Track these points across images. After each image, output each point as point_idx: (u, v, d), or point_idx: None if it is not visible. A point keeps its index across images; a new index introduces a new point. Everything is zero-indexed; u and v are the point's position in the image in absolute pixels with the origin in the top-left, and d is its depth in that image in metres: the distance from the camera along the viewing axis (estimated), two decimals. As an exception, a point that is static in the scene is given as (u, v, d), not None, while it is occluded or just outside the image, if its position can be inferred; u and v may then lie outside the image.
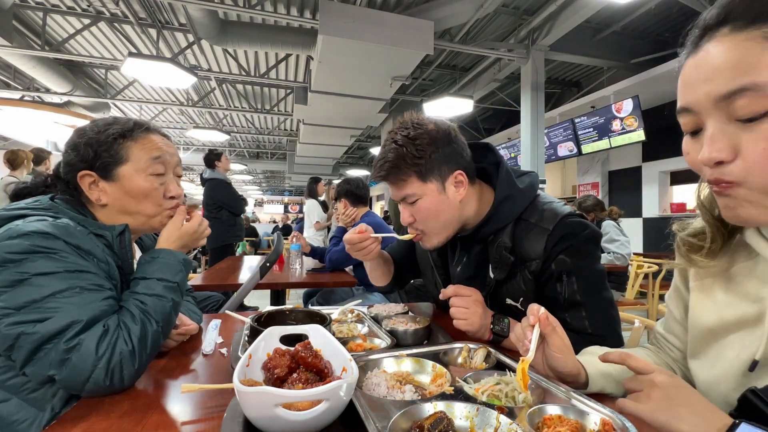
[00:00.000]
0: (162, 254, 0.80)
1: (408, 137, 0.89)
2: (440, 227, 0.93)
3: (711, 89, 0.45)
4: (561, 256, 0.85)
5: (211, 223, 0.96)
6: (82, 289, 0.67)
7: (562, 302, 0.86)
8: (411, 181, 0.89)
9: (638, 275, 3.19)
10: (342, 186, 2.56)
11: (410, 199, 0.91)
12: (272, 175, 17.31)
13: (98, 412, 0.59)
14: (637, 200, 6.15)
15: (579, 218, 0.88)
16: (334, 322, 1.00)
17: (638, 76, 4.87)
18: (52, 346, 0.62)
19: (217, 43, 4.39)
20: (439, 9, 3.93)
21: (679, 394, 0.47)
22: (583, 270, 0.86)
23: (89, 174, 0.79)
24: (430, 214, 0.91)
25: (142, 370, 0.69)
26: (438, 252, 1.09)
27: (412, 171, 0.88)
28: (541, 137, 5.09)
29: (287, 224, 11.98)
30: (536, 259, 0.87)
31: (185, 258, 0.84)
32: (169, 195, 0.86)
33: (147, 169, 0.82)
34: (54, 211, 0.75)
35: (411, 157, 0.87)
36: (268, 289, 2.37)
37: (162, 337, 0.73)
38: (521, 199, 0.92)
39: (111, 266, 0.76)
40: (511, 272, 0.91)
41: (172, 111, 8.29)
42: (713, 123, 0.46)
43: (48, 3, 4.37)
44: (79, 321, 0.64)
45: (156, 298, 0.74)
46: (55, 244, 0.67)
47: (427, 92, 6.87)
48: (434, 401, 0.56)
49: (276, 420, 0.48)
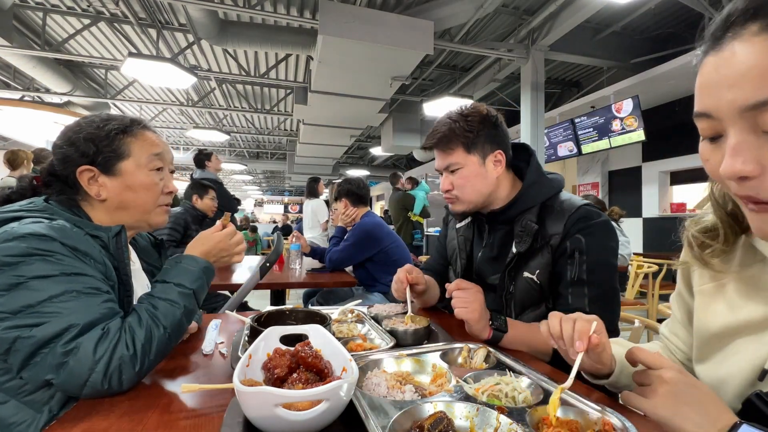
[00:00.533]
0: (185, 260, 0.82)
1: (461, 114, 1.02)
2: (473, 196, 1.04)
3: (736, 97, 0.40)
4: (577, 236, 0.93)
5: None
6: (79, 293, 0.66)
7: (569, 279, 0.92)
8: (457, 152, 1.02)
9: (638, 275, 3.19)
10: (343, 186, 2.56)
11: (453, 167, 1.03)
12: (272, 175, 17.30)
13: (98, 412, 0.59)
14: (637, 200, 6.14)
15: (596, 208, 0.97)
16: (334, 322, 1.00)
17: (638, 76, 4.87)
18: (49, 351, 0.61)
19: (217, 43, 4.38)
20: (439, 9, 3.92)
21: (686, 392, 0.46)
22: (594, 251, 0.92)
23: (89, 169, 0.79)
24: (467, 182, 1.03)
25: (143, 374, 0.68)
26: (465, 237, 1.19)
27: (460, 142, 1.01)
28: (541, 137, 5.09)
29: (287, 224, 11.98)
30: (556, 234, 0.95)
31: (207, 266, 0.83)
32: (167, 190, 0.88)
33: (148, 164, 0.84)
34: (49, 212, 0.75)
35: (461, 130, 1.00)
36: (268, 289, 2.37)
37: (170, 342, 0.73)
38: (548, 187, 1.03)
39: (108, 267, 0.75)
40: (531, 246, 0.98)
41: (172, 111, 8.28)
42: (736, 133, 0.41)
43: (48, 3, 4.37)
44: (76, 325, 0.63)
45: (168, 304, 0.74)
46: (52, 246, 0.66)
47: (427, 92, 6.87)
48: (434, 401, 0.56)
49: (276, 420, 0.48)
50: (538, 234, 0.97)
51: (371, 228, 2.36)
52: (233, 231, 0.90)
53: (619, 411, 0.54)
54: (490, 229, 1.11)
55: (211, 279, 0.85)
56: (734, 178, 0.42)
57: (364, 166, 12.76)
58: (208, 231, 0.88)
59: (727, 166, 0.41)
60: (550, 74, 6.32)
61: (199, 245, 0.86)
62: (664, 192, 5.91)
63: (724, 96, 0.41)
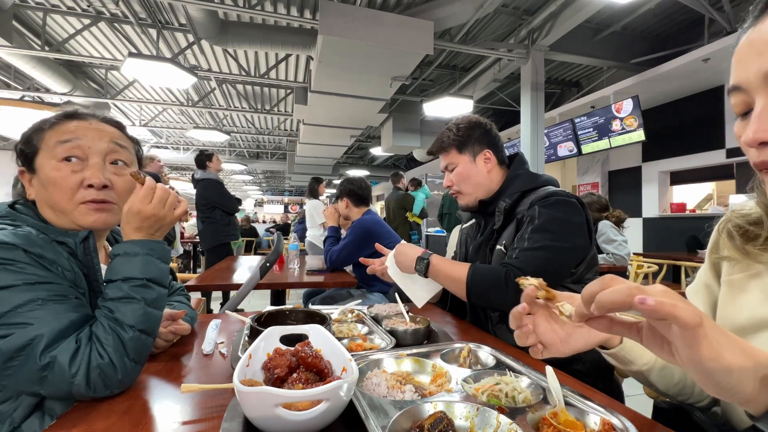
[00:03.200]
0: (123, 248, 0.71)
1: (455, 124, 1.24)
2: (471, 189, 1.21)
3: (763, 64, 0.41)
4: (535, 207, 1.05)
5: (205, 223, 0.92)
6: (45, 300, 0.63)
7: (514, 241, 1.05)
8: (452, 153, 1.22)
9: (638, 275, 3.19)
10: (345, 185, 2.56)
11: (450, 166, 1.23)
12: (272, 175, 17.30)
13: (98, 412, 0.59)
14: (637, 200, 6.14)
15: (567, 194, 1.07)
16: (334, 322, 1.00)
17: (638, 76, 4.87)
18: (21, 362, 0.59)
19: (217, 43, 4.38)
20: (439, 9, 3.92)
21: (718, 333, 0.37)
22: (543, 216, 1.02)
23: (22, 170, 0.77)
24: (462, 177, 1.21)
25: (131, 375, 0.66)
26: (467, 234, 1.35)
27: (453, 145, 1.22)
28: (541, 137, 5.09)
29: (287, 223, 11.96)
30: (522, 210, 1.09)
31: (153, 246, 0.72)
32: (87, 183, 0.74)
33: (56, 155, 0.74)
34: (12, 218, 0.71)
35: (454, 135, 1.22)
36: (268, 289, 2.37)
37: (146, 338, 0.69)
38: (528, 179, 1.16)
39: (77, 275, 0.71)
40: (504, 223, 1.13)
41: (172, 111, 8.28)
42: (762, 100, 0.42)
43: (48, 3, 4.37)
44: (41, 336, 0.60)
45: (124, 302, 0.68)
46: (14, 255, 0.63)
47: (427, 92, 6.87)
48: (434, 401, 0.56)
49: (276, 420, 0.48)
50: (509, 212, 1.11)
51: (371, 226, 2.37)
52: (150, 188, 0.73)
53: (620, 411, 0.54)
54: (484, 221, 1.25)
55: (165, 255, 0.75)
56: (755, 144, 0.42)
57: (364, 166, 12.76)
58: (128, 203, 0.73)
59: (748, 133, 0.42)
60: (550, 74, 6.32)
61: (125, 224, 0.73)
62: (664, 192, 5.91)
63: (753, 65, 0.42)
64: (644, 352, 0.61)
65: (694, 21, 4.68)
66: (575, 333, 0.54)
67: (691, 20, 4.71)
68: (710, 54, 4.05)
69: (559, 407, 0.53)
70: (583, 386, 0.68)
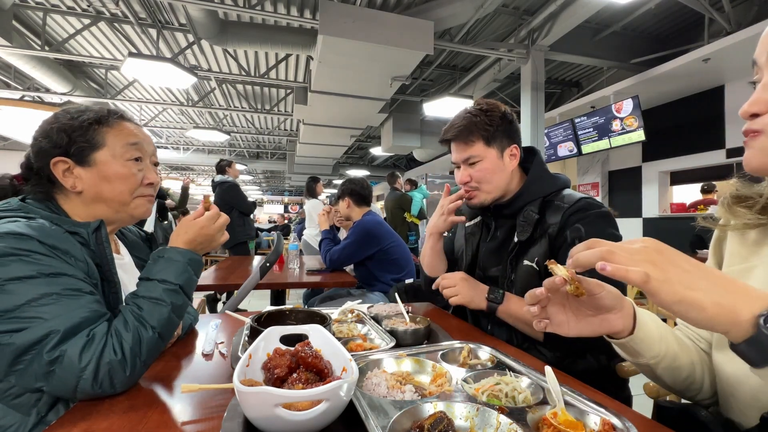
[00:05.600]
0: (168, 252, 0.77)
1: (481, 110, 1.07)
2: (492, 187, 1.08)
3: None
4: (576, 225, 0.96)
5: None
6: (59, 295, 0.64)
7: None
8: (477, 145, 1.06)
9: (638, 275, 3.18)
10: (346, 185, 2.56)
11: (472, 159, 1.07)
12: (272, 175, 17.29)
13: (98, 412, 0.59)
14: (637, 200, 6.14)
15: (594, 200, 1.01)
16: (334, 322, 1.00)
17: (638, 76, 4.86)
18: (32, 357, 0.60)
19: (217, 43, 4.38)
20: (439, 9, 3.92)
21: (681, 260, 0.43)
22: (592, 236, 0.92)
23: (63, 160, 0.77)
24: (487, 173, 1.07)
25: (137, 376, 0.67)
26: (472, 234, 1.25)
27: (480, 135, 1.05)
28: (541, 137, 5.09)
29: (286, 224, 11.96)
30: (554, 224, 0.99)
31: (193, 257, 0.79)
32: (147, 182, 0.86)
33: (124, 154, 0.82)
34: (25, 211, 0.73)
35: (482, 124, 1.05)
36: (268, 289, 2.37)
37: (161, 342, 0.71)
38: (550, 183, 1.07)
39: (89, 265, 0.73)
40: (531, 236, 1.02)
41: (172, 111, 8.28)
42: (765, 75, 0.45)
43: (48, 3, 4.37)
44: (57, 331, 0.61)
45: (154, 303, 0.71)
46: (30, 246, 0.64)
47: (427, 92, 6.87)
48: (434, 401, 0.56)
49: (276, 420, 0.48)
50: (538, 224, 1.02)
51: (372, 226, 2.36)
52: (217, 213, 0.85)
53: (620, 411, 0.54)
54: (497, 225, 1.16)
55: (199, 270, 0.81)
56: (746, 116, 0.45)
57: (364, 166, 12.75)
58: (191, 216, 0.83)
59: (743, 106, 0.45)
60: (550, 74, 6.32)
61: (182, 233, 0.81)
62: (664, 192, 5.91)
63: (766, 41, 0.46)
64: (653, 345, 0.61)
65: (694, 21, 4.67)
66: (586, 319, 0.57)
67: (691, 20, 4.70)
68: (710, 54, 4.05)
69: (559, 407, 0.53)
70: (583, 386, 0.68)
